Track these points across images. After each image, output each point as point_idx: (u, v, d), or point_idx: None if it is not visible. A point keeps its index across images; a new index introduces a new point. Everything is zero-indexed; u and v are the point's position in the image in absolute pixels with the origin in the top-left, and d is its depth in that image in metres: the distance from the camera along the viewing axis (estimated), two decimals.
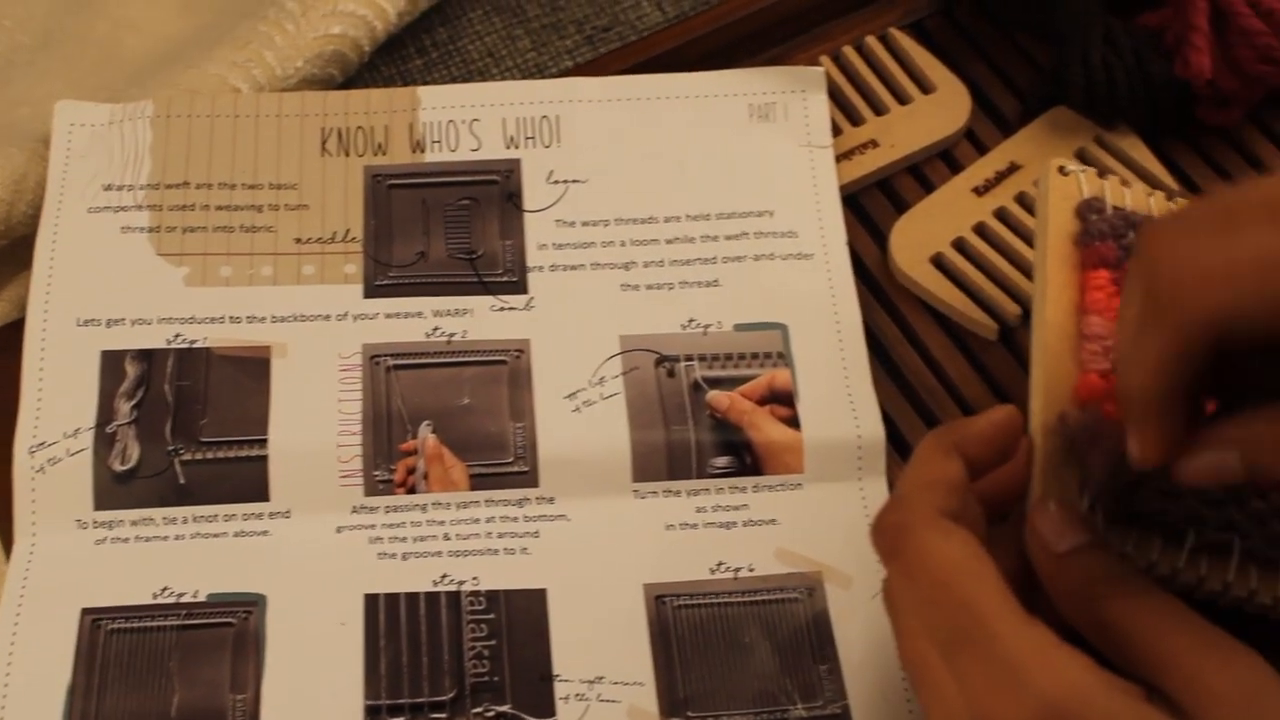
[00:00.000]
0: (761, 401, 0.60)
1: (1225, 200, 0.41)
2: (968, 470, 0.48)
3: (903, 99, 0.66)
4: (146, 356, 0.59)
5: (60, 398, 0.58)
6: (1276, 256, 0.39)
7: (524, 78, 0.70)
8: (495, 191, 0.64)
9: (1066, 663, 0.42)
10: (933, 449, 0.48)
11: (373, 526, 0.57)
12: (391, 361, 0.60)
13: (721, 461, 0.59)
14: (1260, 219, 0.40)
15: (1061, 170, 0.54)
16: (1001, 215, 0.63)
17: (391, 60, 0.71)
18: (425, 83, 0.70)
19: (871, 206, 0.65)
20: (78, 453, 0.57)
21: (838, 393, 0.60)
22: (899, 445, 0.59)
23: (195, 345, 0.60)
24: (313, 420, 0.58)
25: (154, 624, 0.55)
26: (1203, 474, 0.43)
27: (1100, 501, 0.46)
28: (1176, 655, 0.43)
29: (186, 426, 0.58)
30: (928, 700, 0.44)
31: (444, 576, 0.56)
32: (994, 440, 0.49)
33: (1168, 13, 0.64)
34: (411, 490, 0.58)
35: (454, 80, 0.71)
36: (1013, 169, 0.64)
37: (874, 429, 0.59)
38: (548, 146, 0.65)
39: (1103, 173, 0.54)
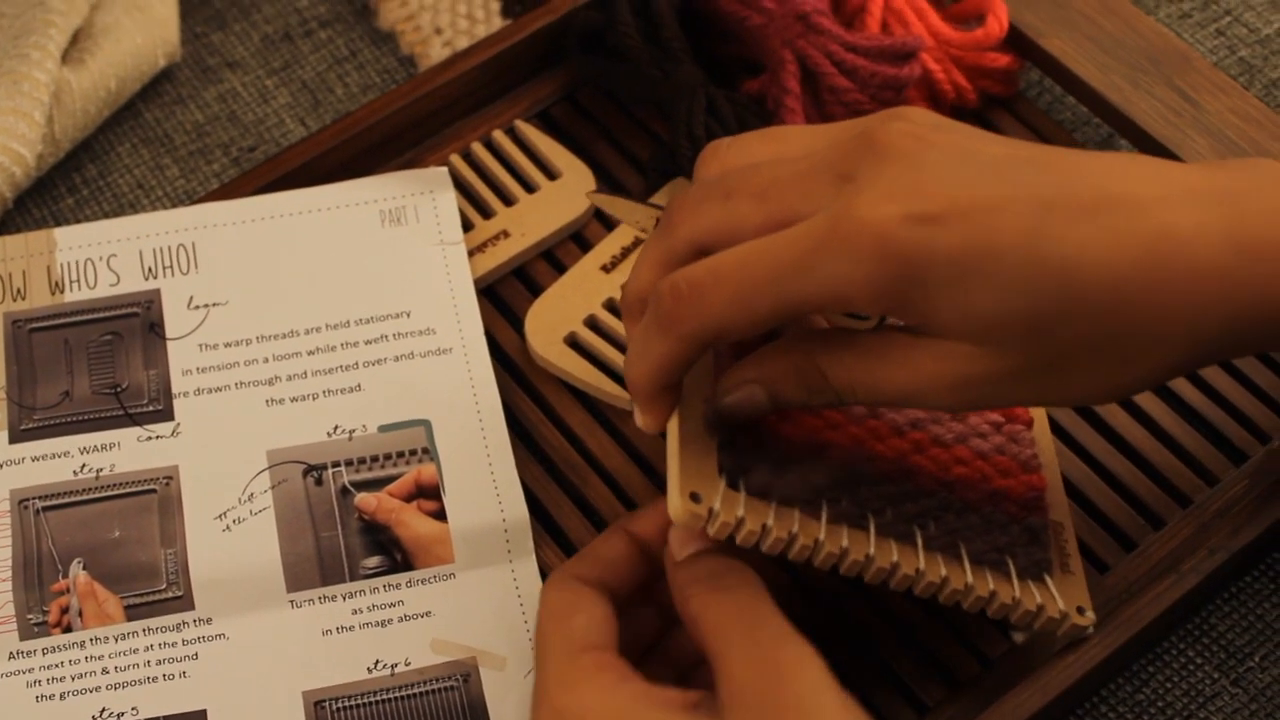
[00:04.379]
0: (408, 498, 0.61)
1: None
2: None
3: (530, 187, 0.69)
4: None
5: None
6: (745, 291, 0.48)
7: (174, 205, 0.72)
8: (137, 323, 0.65)
9: (586, 681, 0.49)
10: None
11: (31, 670, 0.58)
12: (40, 504, 0.61)
13: (373, 562, 0.60)
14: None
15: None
16: None
17: (42, 201, 0.72)
18: (78, 220, 0.71)
19: (509, 295, 0.67)
20: None
21: (482, 480, 0.62)
22: (547, 524, 0.61)
23: None
24: None
25: None
26: (738, 408, 0.51)
27: (740, 481, 0.50)
28: (725, 648, 0.48)
29: None
30: None
31: (103, 710, 0.57)
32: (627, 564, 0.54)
33: (766, 78, 0.68)
34: (68, 629, 0.58)
35: (106, 215, 0.72)
36: (638, 243, 0.66)
37: (518, 511, 0.61)
38: (186, 273, 0.66)
39: None
